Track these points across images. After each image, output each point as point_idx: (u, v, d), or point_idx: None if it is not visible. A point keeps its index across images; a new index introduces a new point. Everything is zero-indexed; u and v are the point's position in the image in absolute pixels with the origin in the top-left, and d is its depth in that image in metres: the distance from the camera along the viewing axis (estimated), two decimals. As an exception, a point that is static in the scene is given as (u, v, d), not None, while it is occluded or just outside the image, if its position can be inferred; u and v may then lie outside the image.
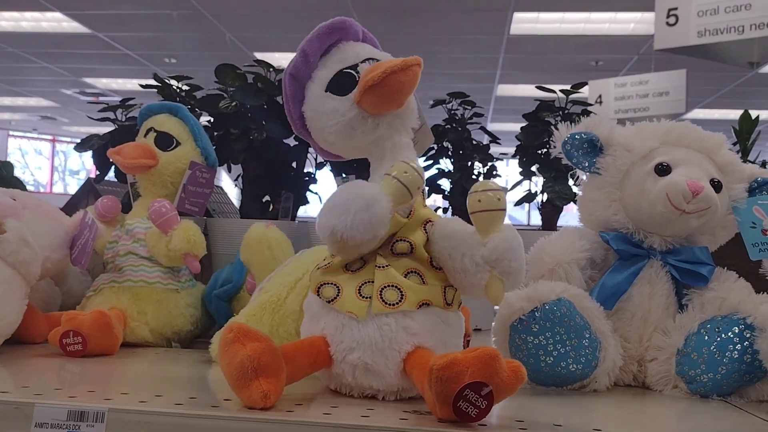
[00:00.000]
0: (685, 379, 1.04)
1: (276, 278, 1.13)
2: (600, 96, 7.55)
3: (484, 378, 0.75)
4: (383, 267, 0.91)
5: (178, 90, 1.68)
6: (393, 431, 0.78)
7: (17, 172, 1.69)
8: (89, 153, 1.70)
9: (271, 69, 1.63)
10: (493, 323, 1.78)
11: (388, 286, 0.89)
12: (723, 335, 1.02)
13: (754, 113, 1.60)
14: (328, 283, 0.92)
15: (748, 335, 1.01)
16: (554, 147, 1.19)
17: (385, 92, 0.92)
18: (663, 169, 1.09)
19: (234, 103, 1.56)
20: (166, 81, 1.67)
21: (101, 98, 11.04)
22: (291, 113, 1.04)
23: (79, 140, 1.72)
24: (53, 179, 15.60)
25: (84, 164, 15.77)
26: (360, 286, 0.90)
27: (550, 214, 1.77)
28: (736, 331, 1.01)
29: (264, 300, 1.10)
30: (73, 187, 15.52)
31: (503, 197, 0.87)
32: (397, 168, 0.89)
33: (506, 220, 0.89)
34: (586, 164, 1.16)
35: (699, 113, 10.32)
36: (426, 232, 0.93)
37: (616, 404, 1.00)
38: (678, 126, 1.14)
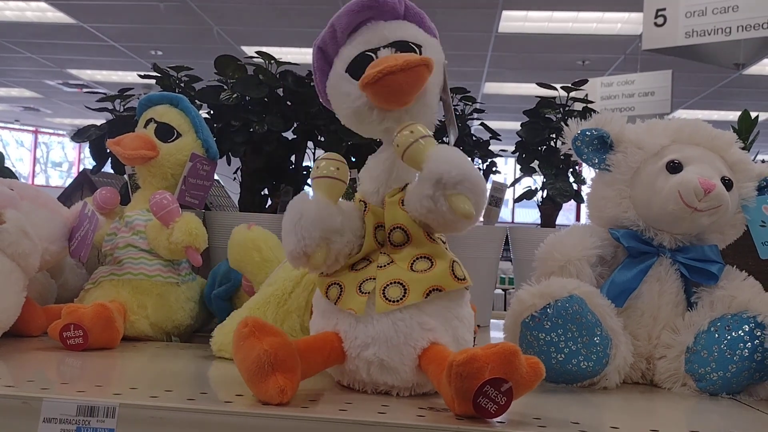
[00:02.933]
0: (694, 377, 1.04)
1: (281, 271, 1.12)
2: (586, 95, 7.59)
3: (504, 374, 0.75)
4: (384, 266, 0.90)
5: (177, 81, 1.65)
6: (412, 428, 0.77)
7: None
8: (72, 145, 1.67)
9: (272, 61, 1.61)
10: (491, 320, 1.80)
11: (391, 283, 0.88)
12: (733, 333, 1.01)
13: (738, 114, 1.60)
14: (333, 284, 0.92)
15: (758, 333, 1.01)
16: (563, 143, 1.18)
17: (383, 92, 0.89)
18: (674, 167, 1.09)
19: (235, 95, 1.54)
20: (167, 71, 1.64)
21: (85, 90, 10.93)
22: (318, 85, 1.03)
23: (62, 132, 1.69)
24: (35, 171, 15.41)
25: (66, 156, 15.59)
26: (361, 283, 0.90)
27: (550, 210, 1.77)
28: (747, 329, 1.01)
29: (268, 293, 1.09)
30: (55, 180, 15.34)
31: (416, 128, 0.87)
32: (315, 166, 0.91)
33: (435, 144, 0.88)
34: (596, 161, 1.15)
35: (683, 114, 10.39)
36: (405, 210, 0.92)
37: (627, 402, 1.00)
38: (689, 124, 1.13)
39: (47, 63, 9.60)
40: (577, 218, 10.41)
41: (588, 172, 1.77)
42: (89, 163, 1.75)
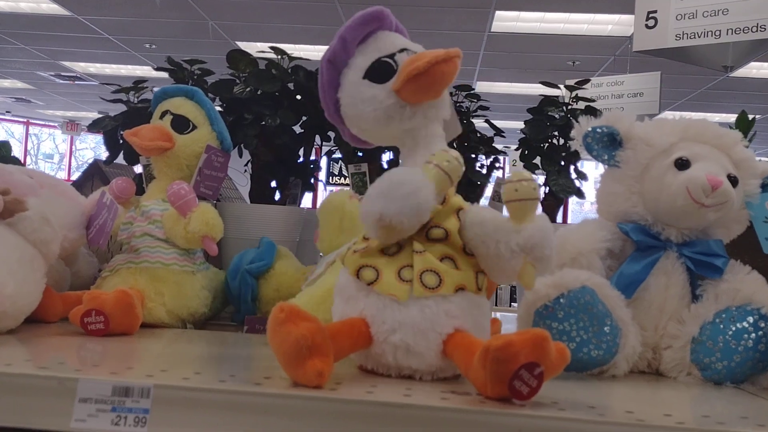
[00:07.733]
0: (699, 367, 1.08)
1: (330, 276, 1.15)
2: (576, 95, 7.66)
3: (537, 358, 0.79)
4: (420, 252, 0.94)
5: (191, 74, 1.68)
6: (438, 410, 0.80)
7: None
8: (63, 137, 1.69)
9: (284, 56, 1.64)
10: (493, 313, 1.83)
11: (427, 270, 0.92)
12: (738, 324, 1.05)
13: (723, 116, 1.65)
14: (367, 266, 0.94)
15: (762, 325, 1.05)
16: (572, 140, 1.22)
17: (428, 82, 0.94)
18: (683, 164, 1.13)
19: (249, 89, 1.57)
20: (180, 63, 1.67)
21: (77, 82, 10.88)
22: (325, 98, 1.06)
23: (53, 123, 1.71)
24: (26, 163, 15.25)
25: (57, 148, 15.46)
26: (400, 270, 0.93)
27: (552, 206, 1.81)
28: (751, 320, 1.05)
29: (318, 296, 1.12)
30: (45, 172, 15.18)
31: (537, 188, 0.90)
32: (438, 157, 0.92)
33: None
34: (606, 157, 1.19)
35: (669, 115, 10.48)
36: (459, 219, 0.96)
37: (635, 389, 1.04)
38: (696, 122, 1.18)
39: (40, 54, 9.55)
40: (564, 213, 10.46)
41: (588, 168, 1.83)
42: (81, 155, 1.78)
